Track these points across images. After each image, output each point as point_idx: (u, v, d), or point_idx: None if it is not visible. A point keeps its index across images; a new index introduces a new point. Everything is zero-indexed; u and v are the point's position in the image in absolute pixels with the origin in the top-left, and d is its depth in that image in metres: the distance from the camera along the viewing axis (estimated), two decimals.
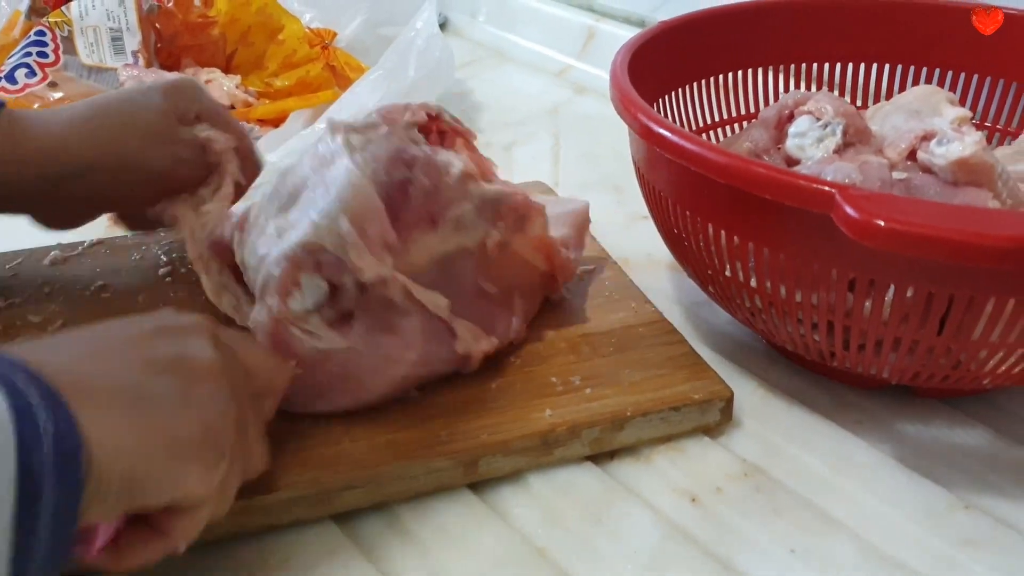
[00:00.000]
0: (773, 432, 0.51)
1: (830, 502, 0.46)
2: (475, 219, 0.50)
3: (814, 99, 0.56)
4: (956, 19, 0.66)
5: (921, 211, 0.38)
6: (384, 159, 0.48)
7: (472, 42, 1.20)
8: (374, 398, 0.49)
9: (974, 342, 0.44)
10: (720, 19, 0.66)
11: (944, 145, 0.50)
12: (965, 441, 0.50)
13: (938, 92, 0.59)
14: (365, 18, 0.97)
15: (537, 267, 0.54)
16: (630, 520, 0.45)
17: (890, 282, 0.43)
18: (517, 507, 0.46)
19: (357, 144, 0.48)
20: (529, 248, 0.53)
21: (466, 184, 0.50)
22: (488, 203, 0.51)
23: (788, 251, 0.45)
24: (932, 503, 0.46)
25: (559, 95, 1.03)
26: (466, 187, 0.50)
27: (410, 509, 0.46)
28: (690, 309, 0.61)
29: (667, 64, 0.62)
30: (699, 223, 0.49)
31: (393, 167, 0.48)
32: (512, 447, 0.47)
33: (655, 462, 0.49)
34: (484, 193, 0.51)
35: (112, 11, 0.87)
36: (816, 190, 0.40)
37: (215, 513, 0.39)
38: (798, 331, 0.49)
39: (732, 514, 0.46)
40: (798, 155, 0.54)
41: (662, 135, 0.47)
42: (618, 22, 1.05)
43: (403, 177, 0.48)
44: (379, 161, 0.48)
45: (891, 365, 0.48)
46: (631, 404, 0.49)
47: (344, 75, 0.91)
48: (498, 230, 0.51)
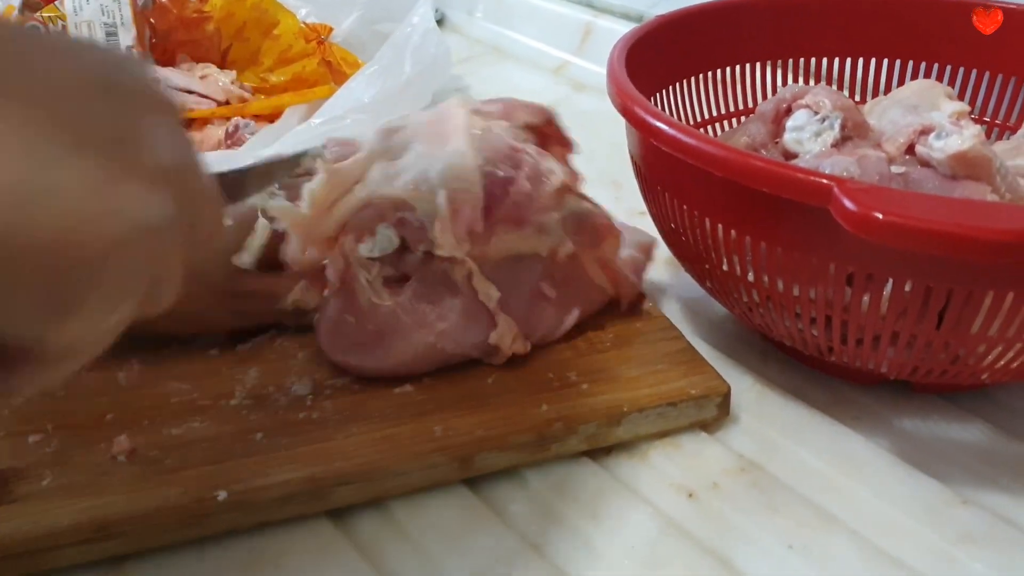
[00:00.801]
0: (770, 428, 0.50)
1: (827, 498, 0.46)
2: (557, 228, 0.52)
3: (812, 93, 0.55)
4: (955, 14, 0.66)
5: (920, 205, 0.38)
6: (497, 153, 0.50)
7: (469, 38, 1.20)
8: (395, 363, 0.50)
9: (972, 336, 0.44)
10: (717, 13, 0.65)
11: (943, 139, 0.49)
12: (963, 436, 0.50)
13: (936, 86, 0.59)
14: (361, 14, 0.96)
15: (599, 284, 0.55)
16: (627, 516, 0.45)
17: (888, 276, 0.43)
18: (513, 503, 0.46)
19: (478, 129, 0.50)
20: (595, 265, 0.54)
21: (562, 196, 0.52)
22: (574, 216, 0.52)
23: (786, 245, 0.45)
24: (930, 499, 0.46)
25: (557, 92, 1.03)
26: (561, 198, 0.52)
27: (405, 505, 0.46)
28: (687, 304, 0.61)
29: (664, 59, 0.61)
30: (696, 217, 0.49)
31: (503, 163, 0.50)
32: (508, 443, 0.47)
33: (652, 458, 0.48)
34: (575, 208, 0.52)
35: (106, 6, 0.86)
36: (814, 183, 0.40)
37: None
38: (796, 325, 0.49)
39: (729, 510, 0.45)
40: (796, 149, 0.54)
41: (659, 129, 0.46)
42: (616, 17, 1.05)
43: (508, 176, 0.50)
44: (493, 152, 0.50)
45: (889, 360, 0.47)
46: (628, 400, 0.49)
47: (340, 71, 0.90)
48: (573, 242, 0.52)
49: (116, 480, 0.44)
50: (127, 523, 0.42)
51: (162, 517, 0.42)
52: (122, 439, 0.46)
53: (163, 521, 0.42)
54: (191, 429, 0.47)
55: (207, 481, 0.44)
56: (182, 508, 0.43)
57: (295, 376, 0.51)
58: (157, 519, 0.42)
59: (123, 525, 0.42)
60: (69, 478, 0.44)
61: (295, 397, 0.49)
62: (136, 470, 0.45)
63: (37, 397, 0.48)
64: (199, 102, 0.83)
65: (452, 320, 0.50)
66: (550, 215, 0.51)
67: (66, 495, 0.43)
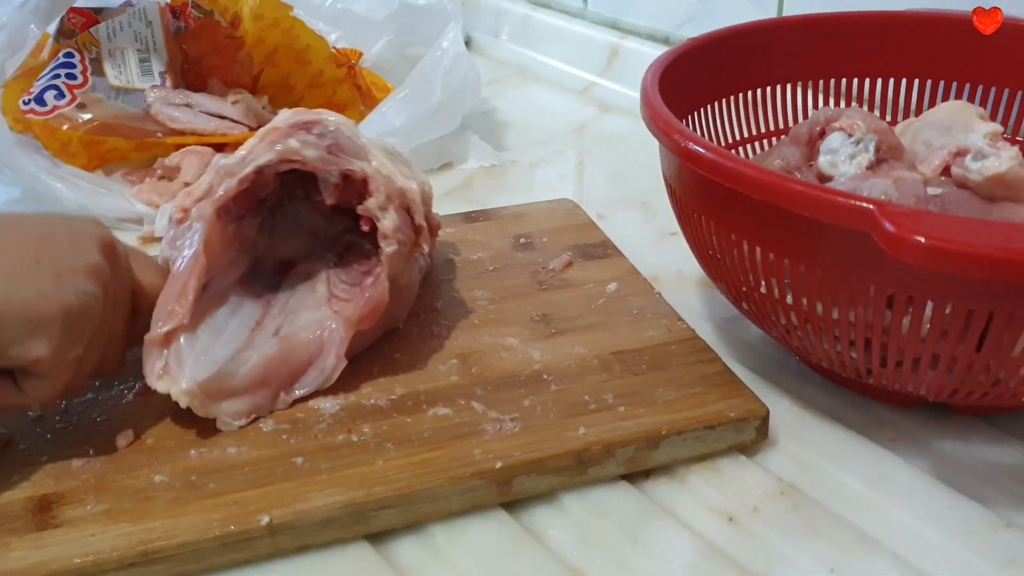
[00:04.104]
0: (809, 450, 0.50)
1: (867, 521, 0.46)
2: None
3: (846, 115, 0.55)
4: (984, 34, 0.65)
5: (961, 228, 0.38)
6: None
7: (496, 61, 1.20)
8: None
9: (1014, 359, 0.43)
10: (748, 36, 0.66)
11: (979, 160, 0.49)
12: (1004, 459, 0.50)
13: (969, 107, 0.59)
14: (391, 38, 0.97)
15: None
16: (667, 540, 0.45)
17: (928, 299, 0.43)
18: (552, 528, 0.46)
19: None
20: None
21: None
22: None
23: (825, 268, 0.45)
24: (972, 522, 0.46)
25: (584, 113, 1.03)
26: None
27: (445, 530, 0.46)
28: (721, 326, 0.61)
29: (696, 81, 0.61)
30: (733, 240, 0.49)
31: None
32: (546, 466, 0.47)
33: (691, 481, 0.48)
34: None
35: (140, 32, 0.88)
36: (855, 207, 0.40)
37: (68, 390, 0.47)
38: (834, 348, 0.48)
39: (769, 533, 0.45)
40: (830, 172, 0.54)
41: (698, 153, 0.47)
42: (642, 39, 1.05)
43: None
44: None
45: (929, 382, 0.47)
46: (666, 423, 0.49)
47: (370, 95, 0.91)
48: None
49: (158, 505, 0.44)
50: (170, 548, 0.42)
51: (205, 542, 0.43)
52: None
53: (206, 546, 0.43)
54: (231, 454, 0.48)
55: (249, 505, 0.44)
56: (225, 532, 0.43)
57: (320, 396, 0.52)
58: (200, 544, 0.43)
59: (166, 550, 0.42)
60: (112, 503, 0.45)
61: (333, 420, 0.50)
62: (178, 494, 0.45)
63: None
64: (231, 127, 0.84)
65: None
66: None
67: (109, 520, 0.44)
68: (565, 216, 0.72)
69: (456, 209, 0.75)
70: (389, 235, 0.52)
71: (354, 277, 0.55)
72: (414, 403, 0.51)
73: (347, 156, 0.53)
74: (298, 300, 0.54)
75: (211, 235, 0.52)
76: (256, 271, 0.56)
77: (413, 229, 0.54)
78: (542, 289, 0.62)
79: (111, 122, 0.82)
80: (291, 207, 0.58)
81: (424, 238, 0.54)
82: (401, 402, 0.51)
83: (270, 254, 0.57)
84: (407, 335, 0.57)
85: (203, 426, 0.49)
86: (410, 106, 0.83)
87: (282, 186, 0.56)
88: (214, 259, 0.52)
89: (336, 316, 0.53)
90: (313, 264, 0.57)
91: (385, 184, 0.52)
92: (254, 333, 0.52)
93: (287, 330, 0.53)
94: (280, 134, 0.52)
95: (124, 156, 0.84)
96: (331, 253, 0.58)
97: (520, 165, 0.89)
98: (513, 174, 0.88)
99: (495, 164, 0.88)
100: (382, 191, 0.52)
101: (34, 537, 0.43)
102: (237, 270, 0.55)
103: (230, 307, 0.53)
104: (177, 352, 0.49)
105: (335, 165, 0.52)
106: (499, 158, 0.89)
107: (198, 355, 0.49)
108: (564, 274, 0.64)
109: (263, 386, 0.50)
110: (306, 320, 0.53)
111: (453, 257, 0.66)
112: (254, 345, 0.51)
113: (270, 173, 0.53)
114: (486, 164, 0.88)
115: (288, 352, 0.51)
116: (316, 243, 0.58)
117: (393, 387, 0.52)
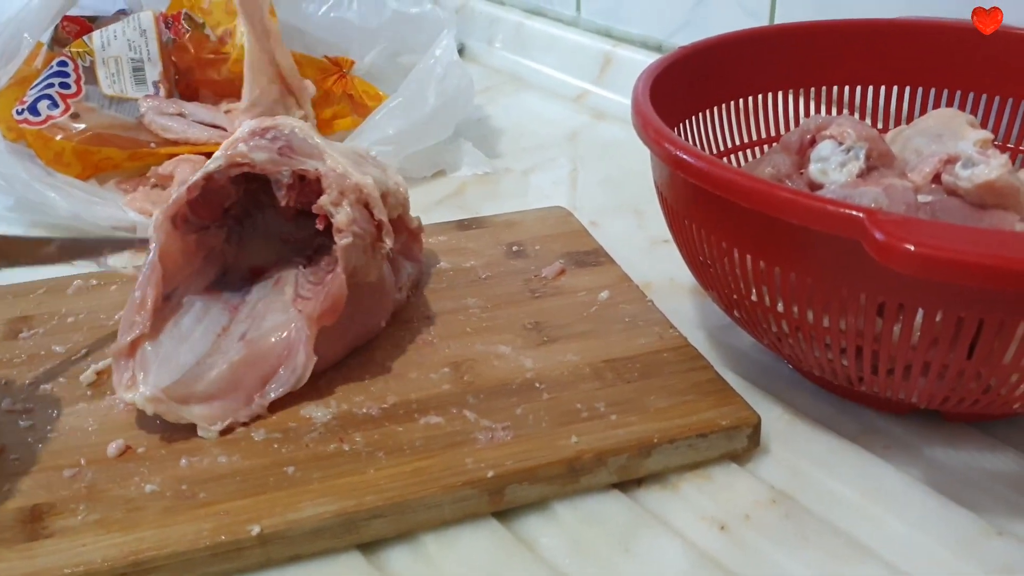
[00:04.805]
0: (801, 458, 0.50)
1: (860, 529, 0.46)
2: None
3: (836, 123, 0.56)
4: (975, 40, 0.66)
5: (951, 236, 0.38)
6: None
7: (489, 68, 1.21)
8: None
9: (1005, 366, 0.43)
10: (739, 44, 0.66)
11: (970, 168, 0.49)
12: (996, 466, 0.50)
13: (959, 115, 0.59)
14: (383, 47, 0.97)
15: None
16: (659, 549, 0.45)
17: (919, 306, 0.43)
18: (544, 536, 0.46)
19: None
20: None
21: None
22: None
23: (815, 276, 0.45)
24: (964, 529, 0.46)
25: (577, 120, 1.03)
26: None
27: (436, 538, 0.46)
28: (713, 333, 0.61)
29: (687, 89, 0.62)
30: (724, 248, 0.49)
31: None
32: (538, 475, 0.47)
33: (683, 490, 0.48)
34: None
35: (134, 41, 0.87)
36: (844, 215, 0.40)
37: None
38: (826, 356, 0.48)
39: (761, 542, 0.45)
40: (821, 180, 0.54)
41: (688, 161, 0.47)
42: (635, 47, 1.06)
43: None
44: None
45: (920, 390, 0.47)
46: (657, 431, 0.49)
47: (362, 103, 0.91)
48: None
49: (149, 514, 0.44)
50: (160, 558, 0.42)
51: (195, 552, 0.42)
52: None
53: (196, 556, 0.42)
54: (222, 463, 0.47)
55: (240, 515, 0.44)
56: (215, 542, 0.43)
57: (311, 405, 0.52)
58: (190, 554, 0.42)
59: (156, 560, 0.42)
60: (102, 513, 0.45)
61: (325, 429, 0.50)
62: (169, 504, 0.45)
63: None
64: (224, 137, 0.83)
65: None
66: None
67: (100, 530, 0.43)
68: (558, 224, 0.72)
69: (449, 217, 0.75)
70: (343, 228, 0.52)
71: (319, 276, 0.55)
72: (406, 412, 0.51)
73: (299, 157, 0.53)
74: (266, 304, 0.55)
75: (167, 245, 0.52)
76: (225, 279, 0.56)
77: (373, 224, 0.54)
78: (535, 297, 0.62)
79: (104, 132, 0.82)
80: (260, 216, 0.59)
81: (387, 233, 0.55)
82: (393, 411, 0.51)
83: (240, 263, 0.57)
84: (399, 343, 0.57)
85: (194, 435, 0.49)
86: (404, 114, 0.83)
87: (248, 195, 0.56)
88: (174, 269, 0.53)
89: (300, 315, 0.53)
90: (283, 269, 0.57)
91: (338, 181, 0.52)
92: (220, 339, 0.52)
93: (253, 334, 0.53)
94: (237, 142, 0.53)
95: (117, 165, 0.84)
96: (301, 257, 0.58)
97: (513, 172, 0.89)
98: (506, 181, 0.88)
99: (488, 172, 0.88)
100: (335, 188, 0.52)
101: (25, 547, 0.43)
102: (204, 279, 0.55)
103: (195, 315, 0.53)
104: (143, 362, 0.50)
105: (286, 166, 0.53)
106: (492, 165, 0.90)
107: (161, 362, 0.50)
108: (557, 282, 0.64)
109: (233, 390, 0.51)
110: (273, 323, 0.53)
111: (445, 265, 0.66)
112: (220, 350, 0.52)
113: (222, 179, 0.53)
114: (479, 172, 0.88)
115: (255, 355, 0.52)
116: (286, 249, 0.59)
117: (385, 396, 0.52)
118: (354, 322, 0.55)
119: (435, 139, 0.85)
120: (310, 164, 0.53)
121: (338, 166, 0.53)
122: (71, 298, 0.63)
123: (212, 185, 0.53)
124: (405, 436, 0.49)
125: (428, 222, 0.73)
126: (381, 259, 0.56)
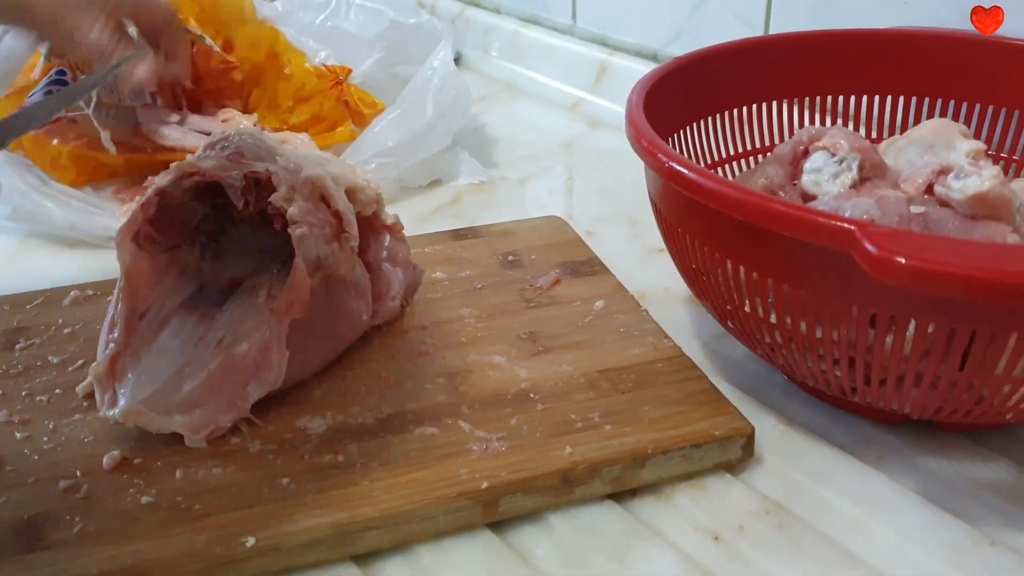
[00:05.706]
0: (794, 468, 0.50)
1: (853, 539, 0.46)
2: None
3: (829, 134, 0.56)
4: (968, 50, 0.66)
5: (941, 248, 0.38)
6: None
7: (485, 77, 1.21)
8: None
9: (997, 377, 0.44)
10: (733, 54, 0.66)
11: (961, 179, 0.50)
12: (989, 476, 0.50)
13: (952, 125, 0.59)
14: (380, 56, 0.97)
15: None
16: (653, 559, 0.45)
17: (911, 318, 0.43)
18: (538, 547, 0.46)
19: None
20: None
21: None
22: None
23: (807, 287, 0.45)
24: (957, 539, 0.46)
25: (573, 129, 1.03)
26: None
27: (430, 550, 0.46)
28: (708, 343, 0.61)
29: (681, 100, 0.62)
30: (717, 259, 0.49)
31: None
32: (532, 486, 0.47)
33: (676, 500, 0.48)
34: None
35: None
36: (836, 227, 0.40)
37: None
38: (819, 366, 0.49)
39: (755, 552, 0.45)
40: (814, 191, 0.54)
41: (680, 172, 0.47)
42: (631, 56, 1.06)
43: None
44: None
45: (913, 400, 0.47)
46: (651, 441, 0.49)
47: (359, 111, 0.91)
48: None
49: (145, 526, 0.44)
50: (156, 570, 0.42)
51: (190, 563, 0.43)
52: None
53: (191, 567, 0.43)
54: (218, 475, 0.48)
55: (235, 527, 0.44)
56: (210, 554, 0.43)
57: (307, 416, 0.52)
58: (185, 565, 0.43)
59: (152, 572, 0.42)
60: (98, 524, 0.45)
61: (320, 440, 0.50)
62: (164, 516, 0.45)
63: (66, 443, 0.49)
64: None
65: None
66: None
67: (95, 542, 0.44)
68: (553, 233, 0.72)
69: (446, 226, 0.75)
70: (297, 219, 0.52)
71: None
72: (401, 422, 0.51)
73: (248, 160, 0.53)
74: (242, 311, 0.55)
75: (133, 264, 0.53)
76: (203, 293, 0.56)
77: (331, 214, 0.54)
78: (530, 307, 0.62)
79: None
80: (235, 230, 0.59)
81: (347, 223, 0.55)
82: (388, 421, 0.51)
83: (219, 276, 0.57)
84: (394, 354, 0.58)
85: (189, 447, 0.49)
86: (402, 126, 0.83)
87: (220, 211, 0.57)
88: (145, 287, 0.54)
89: (271, 314, 0.53)
90: (259, 277, 0.57)
91: (289, 177, 0.53)
92: (197, 348, 0.52)
93: (229, 339, 0.53)
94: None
95: (114, 172, 0.85)
96: (276, 263, 0.58)
97: (509, 181, 0.90)
98: (502, 190, 0.88)
99: (484, 180, 0.89)
100: (285, 183, 0.52)
101: (21, 559, 0.43)
102: (180, 295, 0.55)
103: (172, 329, 0.53)
104: (123, 379, 0.50)
105: (236, 170, 0.53)
106: (488, 174, 0.90)
107: (140, 375, 0.50)
108: (552, 292, 0.64)
109: (213, 396, 0.51)
110: (248, 327, 0.53)
111: (441, 275, 0.66)
112: (197, 359, 0.52)
113: (178, 194, 0.54)
114: (475, 181, 0.88)
115: (232, 360, 0.52)
116: (264, 258, 0.59)
117: (380, 406, 0.53)
118: (337, 319, 0.55)
119: (433, 149, 0.86)
120: (260, 166, 0.53)
121: (290, 164, 0.53)
122: (67, 309, 0.63)
123: (170, 201, 0.54)
124: (400, 447, 0.49)
125: (424, 231, 0.73)
126: (350, 252, 0.56)
